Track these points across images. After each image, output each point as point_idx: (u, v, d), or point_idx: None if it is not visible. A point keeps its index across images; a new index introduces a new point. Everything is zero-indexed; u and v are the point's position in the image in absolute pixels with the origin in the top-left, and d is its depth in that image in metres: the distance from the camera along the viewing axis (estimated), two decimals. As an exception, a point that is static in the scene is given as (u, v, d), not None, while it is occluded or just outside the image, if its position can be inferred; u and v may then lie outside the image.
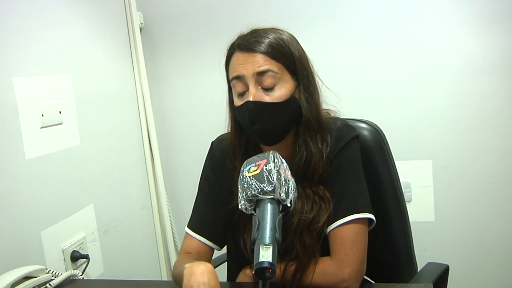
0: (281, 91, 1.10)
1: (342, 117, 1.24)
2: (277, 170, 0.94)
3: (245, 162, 0.99)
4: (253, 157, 1.00)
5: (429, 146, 2.10)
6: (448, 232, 2.14)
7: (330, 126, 1.17)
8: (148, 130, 2.31)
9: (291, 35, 1.17)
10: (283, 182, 0.94)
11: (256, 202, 0.93)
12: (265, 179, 0.92)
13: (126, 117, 2.22)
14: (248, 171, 0.95)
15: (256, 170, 0.94)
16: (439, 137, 2.09)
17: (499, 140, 2.03)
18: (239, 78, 1.10)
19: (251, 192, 0.92)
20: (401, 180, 1.39)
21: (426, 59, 2.05)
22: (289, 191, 0.94)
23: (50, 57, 1.71)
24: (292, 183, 0.96)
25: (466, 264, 2.11)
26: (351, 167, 1.16)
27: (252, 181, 0.93)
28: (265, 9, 2.18)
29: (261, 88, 1.09)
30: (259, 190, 0.92)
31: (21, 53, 1.58)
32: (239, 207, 0.95)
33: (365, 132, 1.34)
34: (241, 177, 0.96)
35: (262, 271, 0.82)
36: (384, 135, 1.38)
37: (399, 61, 2.08)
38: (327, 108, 1.22)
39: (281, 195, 0.92)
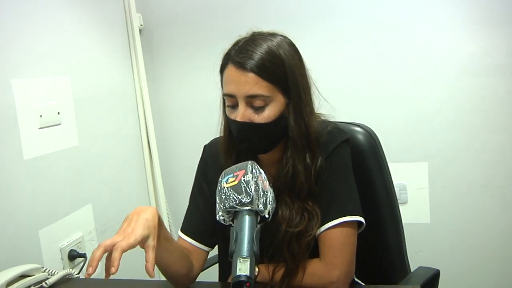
0: (271, 111, 1.09)
1: (336, 120, 1.24)
2: (255, 181, 0.93)
3: (223, 173, 0.98)
4: (231, 167, 0.99)
5: (425, 148, 2.11)
6: (444, 234, 2.14)
7: (321, 132, 1.15)
8: (147, 131, 2.32)
9: (289, 43, 1.14)
10: (261, 193, 0.93)
11: (234, 214, 0.92)
12: (243, 190, 0.92)
13: (125, 118, 2.23)
14: (226, 181, 0.95)
15: (234, 181, 0.94)
16: (435, 139, 2.09)
17: (495, 142, 2.04)
18: (230, 95, 1.10)
19: (229, 203, 0.91)
20: (397, 182, 1.39)
21: (422, 61, 2.06)
22: (267, 202, 0.94)
23: (49, 58, 1.72)
24: (270, 193, 0.96)
25: (460, 266, 2.11)
26: (341, 170, 1.16)
27: (230, 192, 0.92)
28: (263, 11, 2.19)
29: (251, 105, 1.08)
30: (237, 201, 0.91)
31: (20, 55, 1.59)
32: (217, 218, 0.94)
33: (359, 136, 1.35)
34: (219, 187, 0.95)
35: (239, 284, 0.81)
36: (377, 138, 1.38)
37: (394, 64, 2.08)
38: (321, 113, 1.21)
39: (259, 207, 0.92)
